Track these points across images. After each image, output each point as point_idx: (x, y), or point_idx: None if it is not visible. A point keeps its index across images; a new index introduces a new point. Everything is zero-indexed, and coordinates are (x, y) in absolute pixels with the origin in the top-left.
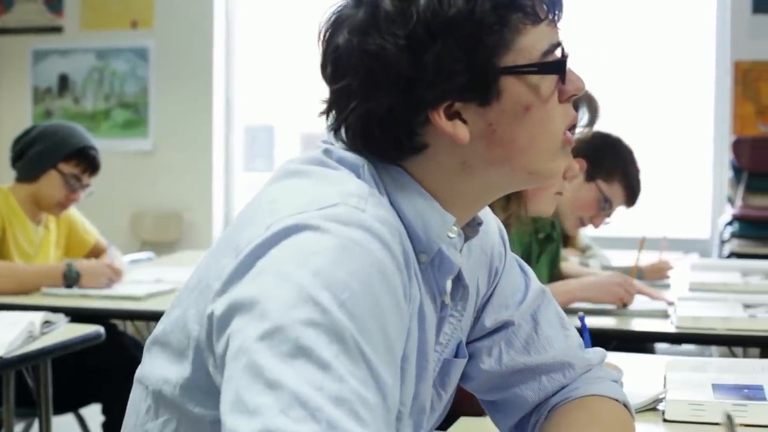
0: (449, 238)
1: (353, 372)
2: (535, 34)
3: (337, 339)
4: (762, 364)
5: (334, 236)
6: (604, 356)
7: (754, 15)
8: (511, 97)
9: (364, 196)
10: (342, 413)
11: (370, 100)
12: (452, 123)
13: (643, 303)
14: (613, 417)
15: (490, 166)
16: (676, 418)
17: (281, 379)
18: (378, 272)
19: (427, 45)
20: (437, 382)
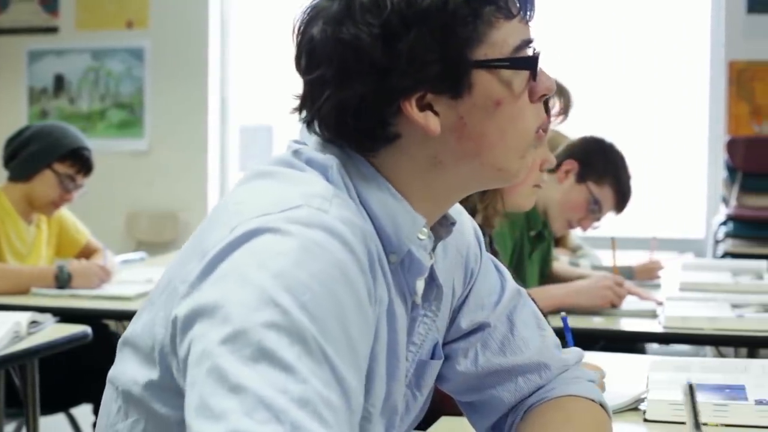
0: (419, 239)
1: (316, 373)
2: (508, 28)
3: (299, 340)
4: (745, 364)
5: (295, 238)
6: (582, 356)
7: (748, 15)
8: (483, 90)
9: (327, 198)
10: (306, 414)
11: (343, 89)
12: (424, 114)
13: (632, 303)
14: (589, 417)
15: (460, 161)
16: (656, 418)
17: (244, 382)
18: (340, 273)
19: (400, 34)
20: (412, 383)
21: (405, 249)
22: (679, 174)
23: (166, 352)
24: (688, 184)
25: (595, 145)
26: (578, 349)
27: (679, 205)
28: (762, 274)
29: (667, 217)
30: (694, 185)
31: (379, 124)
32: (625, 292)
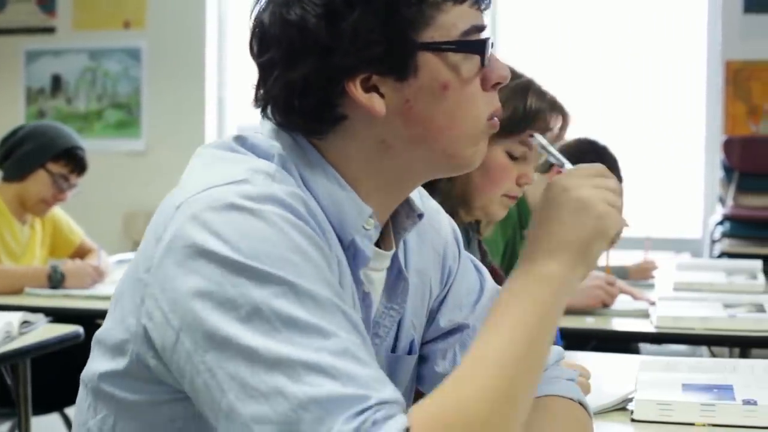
0: (365, 229)
1: (336, 323)
2: (457, 12)
3: (306, 300)
4: (734, 364)
5: (253, 212)
6: (561, 356)
7: (745, 15)
8: (429, 73)
9: (271, 173)
10: (349, 362)
11: (290, 69)
12: (369, 95)
13: (625, 303)
14: (569, 416)
15: (409, 146)
16: (644, 417)
17: (280, 354)
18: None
19: (344, 14)
20: None
21: (349, 238)
22: (676, 174)
23: (140, 341)
24: (685, 183)
25: (589, 146)
26: (558, 348)
27: (676, 205)
28: (756, 273)
29: (664, 217)
30: (691, 185)
31: (325, 104)
32: (616, 292)
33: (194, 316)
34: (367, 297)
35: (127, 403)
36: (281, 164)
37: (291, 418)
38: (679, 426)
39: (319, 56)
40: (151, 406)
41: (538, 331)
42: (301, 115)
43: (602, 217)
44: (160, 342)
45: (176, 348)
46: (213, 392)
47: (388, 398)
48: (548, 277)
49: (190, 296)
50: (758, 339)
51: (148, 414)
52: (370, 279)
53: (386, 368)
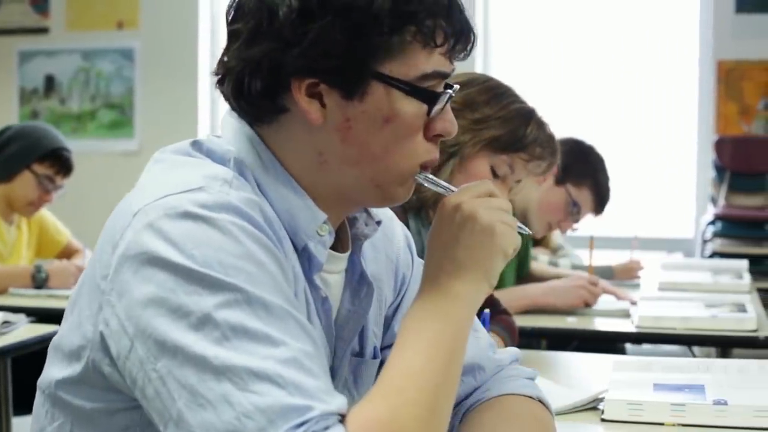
0: (319, 235)
1: (286, 331)
2: (423, 55)
3: (257, 307)
4: (708, 364)
5: (206, 221)
6: (517, 356)
7: (737, 14)
8: (375, 102)
9: (228, 180)
10: (297, 372)
11: (250, 47)
12: (310, 101)
13: (607, 303)
14: (526, 414)
15: (343, 165)
16: (614, 417)
17: (228, 361)
18: (257, 246)
19: (315, 16)
20: (350, 382)
21: (303, 244)
22: (668, 174)
23: (96, 348)
24: (677, 183)
25: (575, 147)
26: (514, 348)
27: (668, 204)
28: (742, 273)
29: (656, 217)
30: (683, 185)
31: (270, 91)
32: (599, 291)
33: (147, 324)
34: (326, 301)
35: (83, 410)
36: (237, 169)
37: (235, 426)
38: (648, 426)
39: (277, 46)
40: (107, 414)
41: (454, 346)
42: (248, 94)
43: (500, 236)
44: (116, 349)
45: (130, 356)
46: (164, 400)
47: (331, 410)
48: (457, 296)
49: (144, 304)
50: (739, 339)
51: (103, 422)
52: (327, 282)
53: (352, 372)
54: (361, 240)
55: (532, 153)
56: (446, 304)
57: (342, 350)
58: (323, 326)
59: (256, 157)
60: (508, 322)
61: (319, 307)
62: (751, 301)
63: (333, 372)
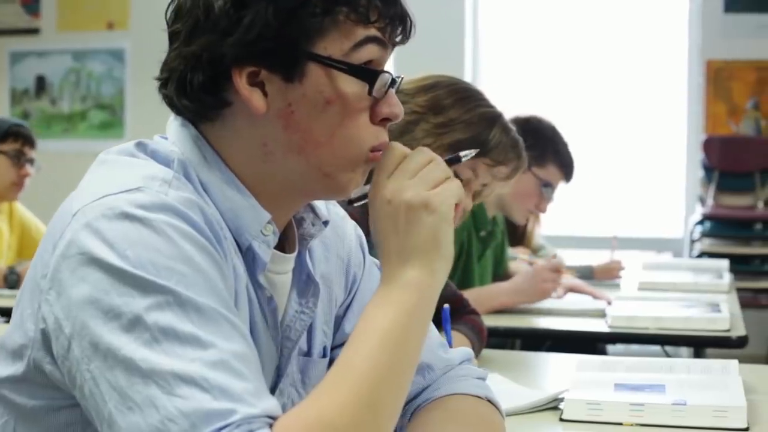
0: (263, 235)
1: (216, 332)
2: (359, 34)
3: (188, 309)
4: (671, 364)
5: (142, 222)
6: (469, 355)
7: (725, 14)
8: (314, 85)
9: (167, 180)
10: (225, 374)
11: (189, 43)
12: (251, 89)
13: (583, 303)
14: (473, 413)
15: (288, 154)
16: (573, 417)
17: (156, 365)
18: (192, 246)
19: (248, 4)
20: (297, 381)
21: (246, 244)
22: (658, 173)
23: (38, 347)
24: (667, 183)
25: (524, 128)
26: (466, 348)
27: (658, 204)
28: (722, 273)
29: (646, 217)
30: (673, 185)
31: (211, 85)
32: (559, 277)
33: (82, 324)
34: (271, 301)
35: (25, 408)
36: (181, 169)
37: (160, 430)
38: (607, 426)
39: (216, 38)
40: (49, 412)
41: (403, 337)
42: (191, 91)
43: (435, 207)
44: (55, 348)
45: (68, 355)
46: (97, 401)
47: (255, 413)
48: (409, 284)
49: (79, 304)
50: (711, 339)
51: (45, 419)
52: (273, 282)
53: (300, 371)
54: (307, 240)
55: (496, 158)
56: (398, 292)
57: (289, 350)
58: (269, 326)
59: (201, 157)
60: (476, 322)
61: (265, 307)
62: (728, 301)
63: (279, 371)
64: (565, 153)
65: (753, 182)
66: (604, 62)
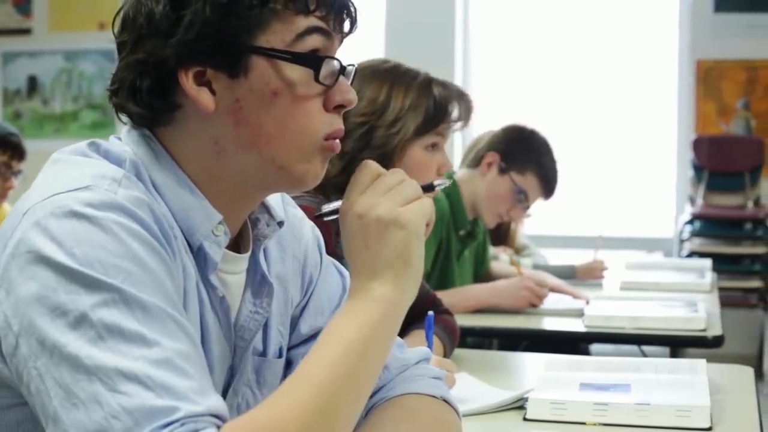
0: (214, 235)
1: (161, 330)
2: (300, 23)
3: (134, 307)
4: (638, 363)
5: (90, 220)
6: (427, 355)
7: (715, 14)
8: (260, 77)
9: (117, 179)
10: (168, 373)
11: (135, 51)
12: (199, 89)
13: (562, 302)
14: (427, 413)
15: (240, 150)
16: (537, 417)
17: (101, 362)
18: (139, 244)
19: (186, 5)
20: (252, 381)
21: (197, 244)
22: (649, 173)
23: None
24: (658, 183)
25: (516, 134)
26: (425, 348)
27: (649, 204)
28: (705, 272)
29: (636, 217)
30: (663, 184)
31: (160, 89)
32: (545, 293)
33: (30, 322)
34: (223, 301)
35: None
36: (132, 169)
37: (104, 427)
38: (570, 425)
39: (159, 42)
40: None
41: (364, 349)
42: (140, 98)
43: (405, 224)
44: (4, 346)
45: (15, 353)
46: (43, 398)
47: (198, 411)
48: (376, 298)
49: (27, 301)
50: (687, 338)
51: None
52: (226, 282)
53: (255, 371)
54: (261, 240)
55: (451, 118)
56: (363, 305)
57: (242, 349)
58: (221, 326)
59: (153, 158)
60: (448, 322)
61: (217, 307)
62: (708, 301)
63: (233, 371)
64: (549, 169)
65: (742, 182)
66: (594, 61)
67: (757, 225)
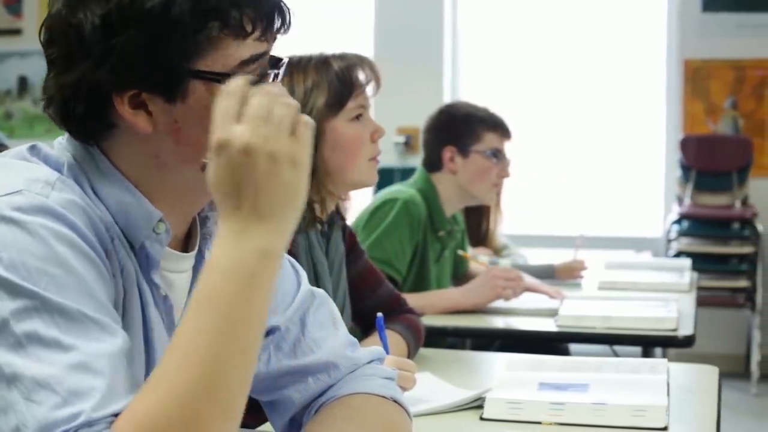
0: (155, 233)
1: (80, 334)
2: (236, 45)
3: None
4: (600, 363)
5: (17, 225)
6: (379, 354)
7: (703, 13)
8: (198, 100)
9: (50, 182)
10: (81, 376)
11: (65, 72)
12: (135, 112)
13: (537, 302)
14: (374, 413)
15: (182, 164)
16: (493, 416)
17: (17, 370)
18: (67, 248)
19: (119, 30)
20: None
21: (138, 242)
22: (637, 173)
23: None
24: (646, 182)
25: (444, 117)
26: (378, 348)
27: (638, 203)
28: (684, 272)
29: (625, 216)
30: (652, 184)
31: (94, 112)
32: (516, 283)
33: None
34: (166, 300)
35: None
36: (70, 172)
37: None
38: (526, 425)
39: (91, 66)
40: None
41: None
42: (73, 119)
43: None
44: None
45: None
46: None
47: (101, 415)
48: (262, 250)
49: None
50: (658, 338)
51: None
52: (170, 281)
53: None
54: (208, 238)
55: (360, 86)
56: (244, 259)
57: None
58: (165, 324)
59: (92, 161)
60: (412, 321)
61: (160, 306)
62: (685, 301)
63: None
64: (487, 117)
65: (730, 181)
66: (582, 61)
67: (744, 225)
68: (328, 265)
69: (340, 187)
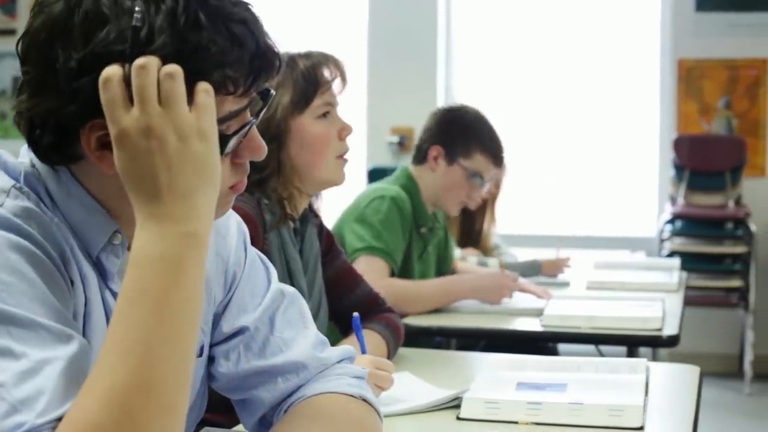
0: (112, 245)
1: (32, 342)
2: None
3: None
4: (579, 363)
5: None
6: (349, 354)
7: (697, 13)
8: None
9: (5, 190)
10: (31, 384)
11: (36, 97)
12: (101, 152)
13: (525, 301)
14: (342, 412)
15: None
16: (470, 416)
17: None
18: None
19: (85, 73)
20: None
21: (95, 253)
22: (631, 173)
23: None
24: (640, 182)
25: (448, 118)
26: (349, 347)
27: (632, 203)
28: (672, 272)
29: (620, 216)
30: (646, 184)
31: (62, 144)
32: (516, 288)
33: None
34: None
35: None
36: (27, 181)
37: None
38: (503, 424)
39: (60, 101)
40: None
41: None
42: (41, 143)
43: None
44: None
45: None
46: None
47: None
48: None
49: None
50: (642, 338)
51: None
52: None
53: None
54: None
55: (326, 83)
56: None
57: None
58: None
59: (50, 171)
60: (391, 320)
61: None
62: (672, 300)
63: None
64: (490, 140)
65: (723, 181)
66: (576, 61)
67: (737, 224)
68: (303, 263)
69: (308, 185)
